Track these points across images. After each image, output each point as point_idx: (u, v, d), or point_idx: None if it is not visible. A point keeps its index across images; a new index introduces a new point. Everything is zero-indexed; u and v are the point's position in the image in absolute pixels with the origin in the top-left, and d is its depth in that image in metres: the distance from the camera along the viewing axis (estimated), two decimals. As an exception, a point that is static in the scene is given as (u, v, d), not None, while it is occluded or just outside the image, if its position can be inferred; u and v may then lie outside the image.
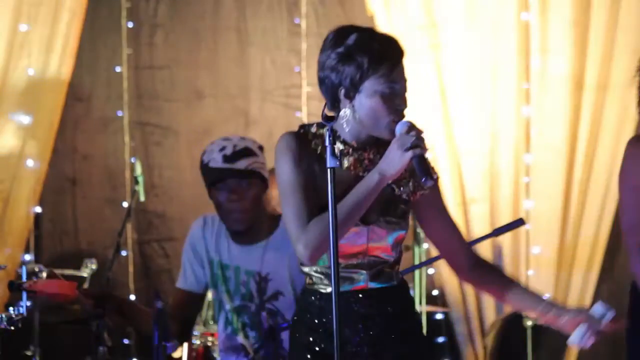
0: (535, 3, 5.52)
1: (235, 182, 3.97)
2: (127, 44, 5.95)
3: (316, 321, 2.84)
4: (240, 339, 4.03)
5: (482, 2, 5.54)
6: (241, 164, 3.96)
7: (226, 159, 3.97)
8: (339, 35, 2.80)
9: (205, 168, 4.03)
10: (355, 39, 2.77)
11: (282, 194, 2.77)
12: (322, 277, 2.83)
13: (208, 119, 6.05)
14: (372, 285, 2.82)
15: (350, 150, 2.80)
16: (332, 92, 2.80)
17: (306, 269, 2.86)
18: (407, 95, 2.81)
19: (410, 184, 2.82)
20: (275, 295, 4.01)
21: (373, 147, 2.81)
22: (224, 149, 3.98)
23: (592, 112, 5.52)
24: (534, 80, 5.57)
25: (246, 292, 4.02)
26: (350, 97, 2.77)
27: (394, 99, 2.77)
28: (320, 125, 2.84)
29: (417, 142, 2.66)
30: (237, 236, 4.05)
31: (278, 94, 6.05)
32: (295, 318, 2.92)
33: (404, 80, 2.80)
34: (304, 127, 2.86)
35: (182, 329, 4.15)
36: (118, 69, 5.94)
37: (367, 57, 2.75)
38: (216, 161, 3.98)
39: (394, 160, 2.66)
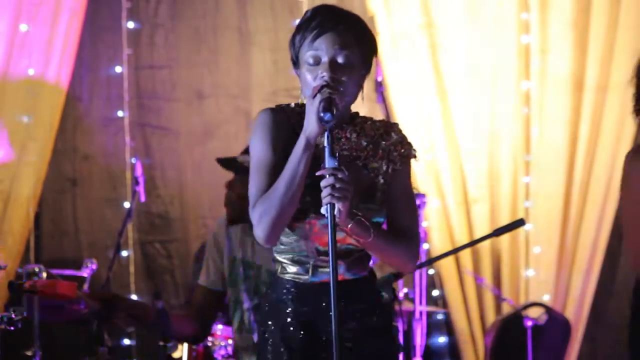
0: (535, 3, 5.53)
1: (237, 172, 4.03)
2: (128, 44, 5.94)
3: (289, 311, 2.79)
4: (255, 338, 4.03)
5: (482, 3, 5.56)
6: (242, 157, 4.01)
7: (243, 151, 4.04)
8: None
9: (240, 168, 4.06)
10: (303, 17, 2.79)
11: (250, 169, 2.77)
12: (297, 265, 2.80)
13: (209, 120, 6.05)
14: (348, 276, 2.78)
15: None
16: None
17: (280, 257, 2.82)
18: (345, 69, 2.71)
19: (384, 165, 2.79)
20: None
21: (350, 125, 2.79)
22: None
23: (592, 113, 5.53)
24: (534, 81, 5.57)
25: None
26: (299, 76, 2.78)
27: (318, 68, 2.71)
28: (298, 104, 2.81)
29: (323, 85, 2.64)
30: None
31: (280, 94, 6.05)
32: (267, 309, 2.85)
33: (333, 51, 2.71)
34: (282, 106, 2.83)
35: (203, 328, 4.15)
36: (118, 69, 5.93)
37: (298, 30, 2.76)
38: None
39: (309, 113, 2.64)
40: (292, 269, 2.81)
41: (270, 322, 2.83)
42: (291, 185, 2.65)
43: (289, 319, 2.80)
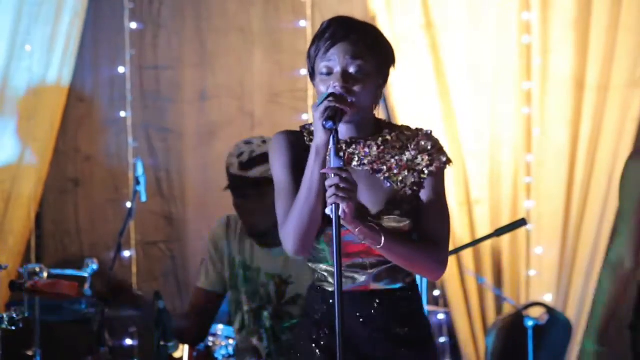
0: (536, 3, 5.53)
1: (248, 190, 3.98)
2: (130, 44, 5.95)
3: (319, 318, 2.83)
4: (255, 341, 4.04)
5: (483, 3, 5.55)
6: (255, 172, 3.96)
7: (241, 166, 3.99)
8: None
9: (226, 172, 4.06)
10: (319, 28, 2.80)
11: (275, 192, 2.82)
12: (326, 275, 2.82)
13: (212, 120, 6.05)
14: (375, 286, 2.79)
15: (344, 145, 2.79)
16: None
17: (312, 265, 2.85)
18: (357, 79, 2.73)
19: (410, 176, 2.79)
20: (294, 298, 4.01)
21: (371, 138, 2.80)
22: (242, 154, 4.00)
23: (593, 113, 5.52)
24: (535, 81, 5.57)
25: (265, 294, 4.02)
26: (315, 86, 2.81)
27: (331, 79, 2.73)
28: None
29: (327, 97, 2.66)
30: (260, 238, 4.05)
31: (283, 95, 6.05)
32: (303, 312, 2.93)
33: (346, 61, 2.72)
34: (303, 127, 2.87)
35: (200, 330, 4.16)
36: (121, 70, 5.94)
37: (314, 41, 2.78)
38: (234, 167, 4.01)
39: (315, 121, 2.67)
40: (321, 276, 2.84)
41: (303, 326, 2.89)
42: (309, 195, 2.68)
43: (318, 325, 2.83)
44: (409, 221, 2.76)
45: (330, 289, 2.81)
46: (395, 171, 2.78)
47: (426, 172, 2.79)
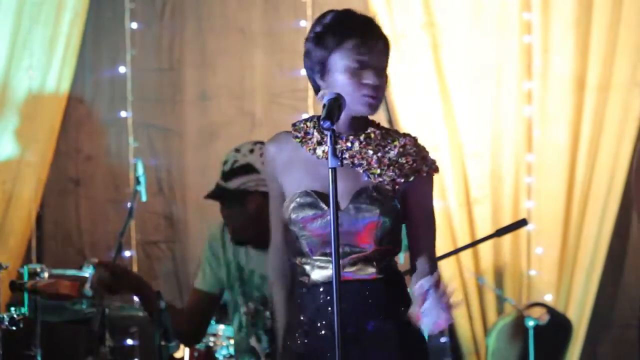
0: (537, 3, 5.53)
1: (227, 200, 3.99)
2: (131, 44, 5.95)
3: (298, 310, 2.85)
4: (253, 342, 4.04)
5: (484, 2, 5.55)
6: (234, 183, 3.96)
7: (223, 175, 4.00)
8: (318, 19, 2.81)
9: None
10: (329, 19, 2.79)
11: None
12: (305, 268, 2.83)
13: (213, 121, 6.05)
14: (347, 275, 2.77)
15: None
16: (312, 79, 2.83)
17: (294, 260, 2.86)
18: (386, 74, 2.78)
19: (390, 172, 2.78)
20: None
21: (350, 135, 2.80)
22: (226, 163, 4.01)
23: (594, 112, 5.52)
24: (536, 80, 5.57)
25: (260, 296, 4.02)
26: (323, 78, 2.79)
27: (362, 73, 2.74)
28: (306, 120, 2.87)
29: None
30: (245, 246, 4.05)
31: (284, 96, 6.05)
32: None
33: (376, 57, 2.74)
34: (294, 125, 2.88)
35: (197, 330, 4.16)
36: (122, 70, 5.94)
37: (332, 33, 2.76)
38: (219, 176, 4.02)
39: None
40: (301, 270, 2.85)
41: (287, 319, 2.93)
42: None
43: (295, 319, 2.86)
44: (379, 210, 2.75)
45: (306, 282, 2.83)
46: (375, 165, 2.78)
47: (411, 175, 2.79)
